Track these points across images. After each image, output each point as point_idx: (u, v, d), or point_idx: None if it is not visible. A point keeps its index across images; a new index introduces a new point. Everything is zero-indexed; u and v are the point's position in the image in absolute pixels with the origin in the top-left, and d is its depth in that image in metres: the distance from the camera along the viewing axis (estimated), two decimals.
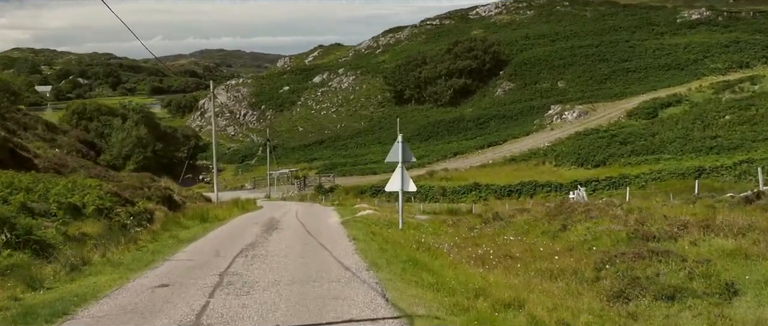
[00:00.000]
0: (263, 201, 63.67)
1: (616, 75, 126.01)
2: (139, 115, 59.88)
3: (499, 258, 13.77)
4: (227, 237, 16.34)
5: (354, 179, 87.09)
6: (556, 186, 64.83)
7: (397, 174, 17.70)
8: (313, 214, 26.30)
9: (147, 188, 32.41)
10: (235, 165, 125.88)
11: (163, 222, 19.89)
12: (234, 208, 31.59)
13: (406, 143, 18.06)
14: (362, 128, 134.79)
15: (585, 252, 14.00)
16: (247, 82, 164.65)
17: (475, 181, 69.34)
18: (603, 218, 17.59)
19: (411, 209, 58.66)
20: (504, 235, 17.93)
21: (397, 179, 17.64)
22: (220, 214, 24.24)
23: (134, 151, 55.87)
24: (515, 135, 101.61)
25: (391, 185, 17.84)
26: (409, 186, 17.80)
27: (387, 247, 13.44)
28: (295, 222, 20.51)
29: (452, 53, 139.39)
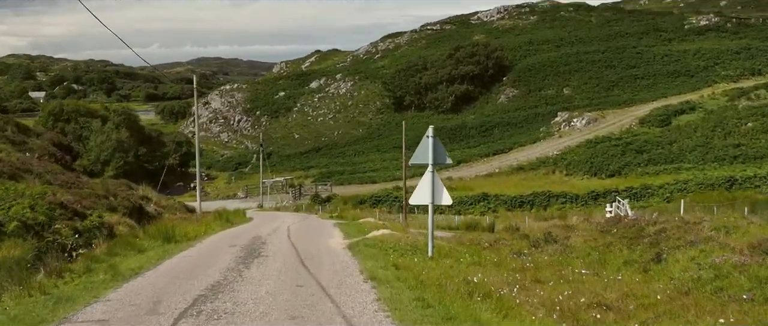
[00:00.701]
0: (254, 212, 58.79)
1: (624, 82, 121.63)
2: (121, 117, 54.88)
3: (593, 309, 9.01)
4: (186, 271, 11.49)
5: (352, 188, 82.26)
6: (571, 197, 60.11)
7: (427, 181, 12.98)
8: (309, 231, 21.49)
9: (113, 197, 27.54)
10: (228, 173, 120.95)
11: (111, 245, 15.04)
12: (214, 222, 26.71)
13: (437, 138, 13.30)
14: (360, 135, 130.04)
15: (723, 300, 9.16)
16: (242, 88, 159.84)
17: (484, 191, 64.53)
18: (706, 243, 12.75)
19: (415, 220, 54.06)
20: (571, 266, 13.17)
21: (426, 188, 12.93)
22: (192, 231, 19.36)
23: (114, 155, 50.94)
24: (522, 143, 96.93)
25: (419, 196, 13.12)
26: (442, 197, 13.08)
27: (426, 295, 8.74)
28: (286, 244, 15.73)
29: (454, 58, 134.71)
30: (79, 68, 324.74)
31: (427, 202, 13.09)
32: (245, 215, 43.50)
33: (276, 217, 42.10)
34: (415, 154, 13.41)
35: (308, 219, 35.35)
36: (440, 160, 13.21)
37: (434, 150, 13.05)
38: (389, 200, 68.09)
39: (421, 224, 51.60)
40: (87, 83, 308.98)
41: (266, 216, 44.39)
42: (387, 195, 68.92)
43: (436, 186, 12.96)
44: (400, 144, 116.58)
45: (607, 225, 19.46)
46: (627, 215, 26.07)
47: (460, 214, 62.52)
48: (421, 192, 13.08)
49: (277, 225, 26.94)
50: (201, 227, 21.99)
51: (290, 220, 33.28)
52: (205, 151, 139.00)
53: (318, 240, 16.83)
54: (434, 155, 13.03)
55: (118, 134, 52.01)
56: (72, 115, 56.10)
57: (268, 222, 30.91)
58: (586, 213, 54.44)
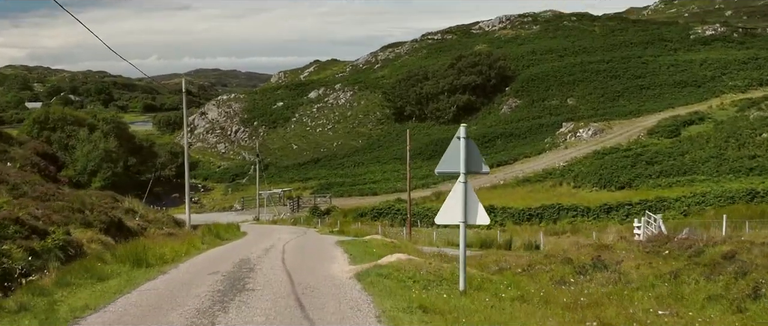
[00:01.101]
0: (250, 225, 55.89)
1: (630, 92, 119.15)
2: (110, 125, 52.08)
3: None
4: (139, 316, 8.61)
5: (353, 200, 79.46)
6: (582, 211, 57.21)
7: (458, 194, 10.21)
8: (307, 252, 18.68)
9: (89, 211, 24.71)
10: (224, 185, 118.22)
11: (65, 271, 12.23)
12: (202, 238, 23.92)
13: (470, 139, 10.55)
14: (360, 146, 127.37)
15: None
16: (240, 98, 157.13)
17: (490, 204, 61.53)
18: None
19: (419, 234, 51.29)
20: (638, 302, 10.39)
21: (457, 203, 10.16)
22: (171, 251, 16.46)
23: (101, 165, 48.07)
24: (527, 154, 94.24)
25: (448, 213, 10.27)
26: (477, 214, 10.29)
27: None
28: (279, 270, 12.91)
29: (455, 68, 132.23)
30: (76, 79, 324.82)
31: (457, 221, 10.32)
32: (239, 229, 40.72)
33: (272, 232, 39.27)
34: (442, 160, 10.64)
35: (306, 235, 32.51)
36: (474, 168, 10.42)
37: (467, 154, 10.28)
38: (391, 213, 65.28)
39: (428, 239, 48.79)
40: (84, 94, 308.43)
41: (261, 231, 41.58)
42: (389, 208, 66.10)
43: (470, 200, 10.20)
44: (401, 155, 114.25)
45: (654, 245, 16.65)
46: (661, 232, 23.26)
47: (470, 228, 59.79)
48: (451, 208, 10.30)
49: (271, 242, 24.16)
50: (184, 245, 19.16)
51: (287, 236, 30.49)
52: (201, 162, 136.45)
53: (318, 265, 14.08)
54: (467, 161, 10.27)
55: (106, 143, 49.20)
56: (58, 123, 53.20)
57: (263, 238, 28.13)
58: (599, 227, 51.69)
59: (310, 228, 49.47)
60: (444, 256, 16.50)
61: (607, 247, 17.93)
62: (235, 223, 43.76)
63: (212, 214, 78.95)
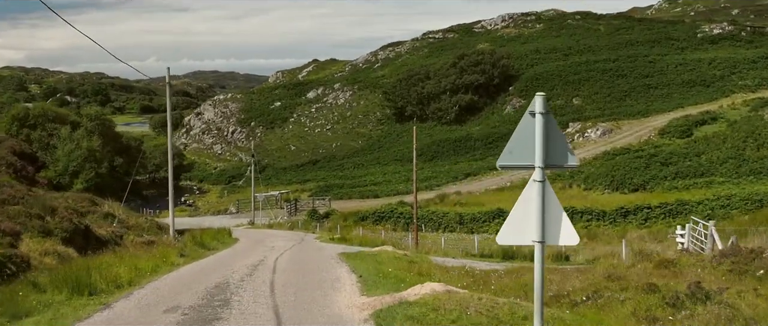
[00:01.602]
0: (244, 230, 52.49)
1: (637, 91, 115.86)
2: (94, 123, 48.67)
3: None
4: None
5: (353, 203, 76.06)
6: (597, 214, 53.81)
7: (532, 200, 6.77)
8: (304, 269, 15.17)
9: (50, 217, 21.33)
10: (220, 187, 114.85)
11: None
12: (184, 249, 20.47)
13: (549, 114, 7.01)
14: (360, 147, 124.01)
15: None
16: (237, 98, 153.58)
17: (499, 207, 58.21)
18: None
19: (424, 240, 47.95)
20: None
21: (531, 213, 6.71)
22: (126, 272, 12.90)
23: (84, 166, 44.64)
24: None
25: (516, 228, 6.70)
26: (562, 231, 6.80)
27: None
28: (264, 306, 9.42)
29: (458, 67, 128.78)
30: (73, 80, 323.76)
31: (532, 240, 6.85)
32: (231, 235, 37.39)
33: (266, 238, 36.01)
34: (507, 148, 7.10)
35: (304, 244, 29.13)
36: (557, 159, 6.90)
37: (547, 139, 6.82)
38: (394, 216, 61.82)
39: (435, 245, 45.38)
40: (81, 95, 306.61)
41: (255, 237, 38.27)
42: (391, 212, 62.61)
43: (550, 209, 6.78)
44: (402, 156, 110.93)
45: (733, 261, 13.25)
46: (714, 244, 19.82)
47: (474, 232, 56.41)
48: (521, 220, 6.86)
49: (263, 253, 20.81)
50: (151, 261, 15.71)
51: (282, 244, 27.18)
52: (197, 163, 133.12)
53: (318, 294, 10.63)
54: (548, 149, 6.84)
55: (89, 142, 45.70)
56: (39, 120, 49.64)
57: (254, 248, 24.78)
58: (618, 233, 48.31)
59: (309, 234, 46.12)
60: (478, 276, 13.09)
61: (669, 262, 14.50)
62: (227, 228, 40.40)
63: (206, 218, 75.56)
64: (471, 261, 22.65)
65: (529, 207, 6.69)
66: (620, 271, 14.17)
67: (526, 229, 6.68)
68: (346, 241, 28.78)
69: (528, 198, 6.75)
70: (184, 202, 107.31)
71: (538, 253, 6.71)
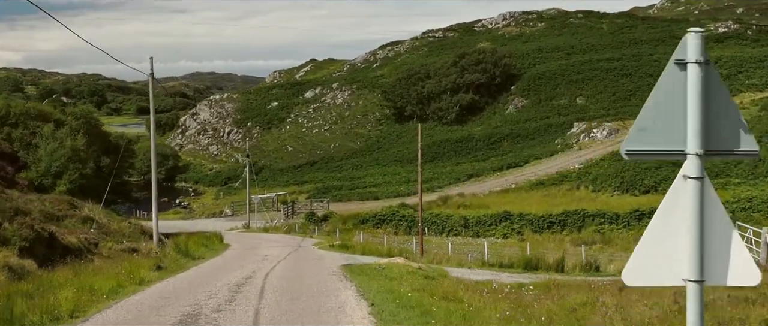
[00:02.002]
0: (237, 234, 49.77)
1: (642, 91, 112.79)
2: (80, 121, 45.95)
3: None
4: None
5: (352, 205, 73.41)
6: (610, 217, 51.13)
7: (683, 213, 3.96)
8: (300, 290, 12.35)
9: (8, 223, 18.60)
10: (216, 188, 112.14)
11: None
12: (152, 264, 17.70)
13: (711, 66, 4.13)
14: (358, 148, 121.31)
15: None
16: (233, 98, 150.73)
17: (506, 210, 55.57)
18: None
19: (428, 244, 45.18)
20: None
21: (681, 234, 3.93)
22: (66, 301, 9.99)
23: (68, 166, 41.93)
24: (538, 155, 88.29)
25: (658, 263, 3.90)
26: (744, 268, 4.11)
27: None
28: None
29: (458, 66, 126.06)
30: (70, 82, 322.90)
31: (683, 279, 3.97)
32: (222, 240, 34.68)
33: (260, 244, 33.32)
34: (638, 125, 4.12)
35: (301, 251, 26.45)
36: (726, 143, 4.02)
37: (707, 107, 3.94)
38: (395, 220, 59.10)
39: (440, 251, 42.65)
40: (77, 96, 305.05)
41: (248, 243, 35.55)
42: (392, 215, 59.89)
43: (713, 226, 3.95)
44: (402, 157, 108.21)
45: None
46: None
47: (479, 236, 53.74)
48: (661, 245, 4.05)
49: (253, 266, 18.14)
50: (112, 279, 12.92)
51: (276, 253, 24.48)
52: (193, 164, 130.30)
53: None
54: (708, 124, 3.92)
55: (73, 141, 42.93)
56: (21, 118, 46.94)
57: (244, 258, 22.09)
58: (635, 236, 45.67)
59: (306, 239, 43.44)
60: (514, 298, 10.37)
61: None
62: (219, 233, 37.63)
63: (200, 221, 72.94)
64: (492, 273, 20.04)
65: (675, 223, 3.92)
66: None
67: (672, 261, 3.89)
68: (347, 249, 26.10)
69: (673, 210, 3.96)
70: (178, 204, 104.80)
71: (694, 299, 3.89)
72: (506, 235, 52.42)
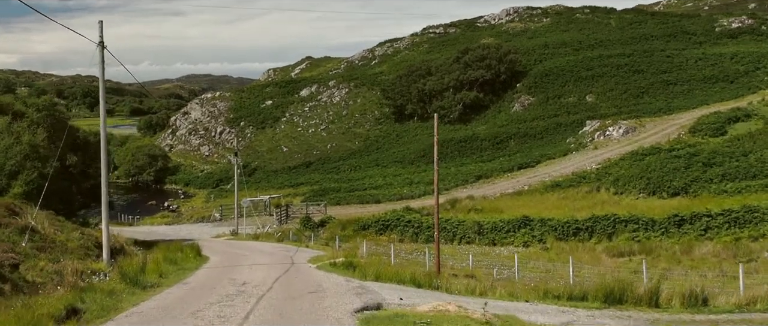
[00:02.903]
0: (223, 243, 43.70)
1: (655, 88, 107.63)
2: (42, 113, 40.01)
3: None
4: None
5: (352, 209, 67.46)
6: (645, 223, 45.11)
7: None
8: None
9: None
10: (207, 191, 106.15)
11: None
12: (66, 299, 11.81)
13: None
14: (357, 148, 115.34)
15: None
16: (225, 96, 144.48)
17: (525, 215, 49.61)
18: None
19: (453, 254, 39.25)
20: None
21: None
22: None
23: (25, 165, 35.99)
24: (550, 155, 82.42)
25: None
26: None
27: None
28: None
29: (461, 62, 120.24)
30: (65, 83, 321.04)
31: None
32: (199, 253, 28.70)
33: (244, 258, 27.43)
34: None
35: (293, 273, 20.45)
36: None
37: None
38: (400, 225, 53.13)
39: (458, 262, 36.75)
40: (70, 97, 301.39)
41: (230, 256, 29.64)
42: (397, 220, 53.88)
43: None
44: (403, 158, 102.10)
45: None
46: None
47: (496, 244, 47.86)
48: None
49: (220, 306, 12.25)
50: None
51: (259, 278, 18.59)
52: (183, 165, 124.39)
53: None
54: None
55: (31, 136, 36.93)
56: None
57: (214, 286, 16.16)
58: (681, 247, 39.73)
59: (301, 248, 37.44)
60: None
61: None
62: (196, 244, 31.55)
63: (184, 226, 66.96)
64: (566, 312, 14.33)
65: None
66: None
67: None
68: (354, 270, 19.81)
69: None
70: (167, 207, 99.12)
71: None
72: (527, 244, 46.54)
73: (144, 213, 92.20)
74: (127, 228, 66.67)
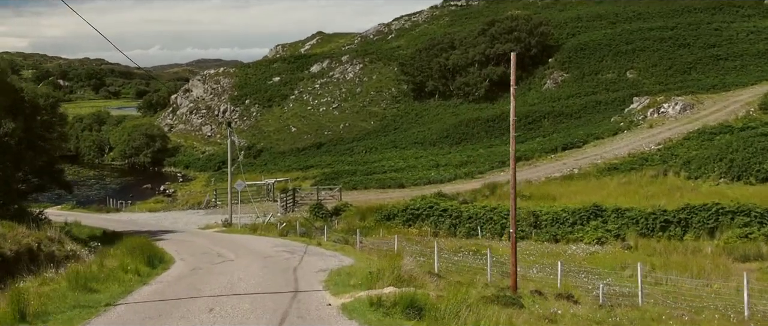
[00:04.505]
0: (209, 237, 33.36)
1: (704, 63, 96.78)
2: None
3: None
4: None
5: (371, 195, 57.17)
6: (758, 216, 34.57)
7: None
8: None
9: None
10: (208, 174, 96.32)
11: None
12: None
13: None
14: (372, 128, 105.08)
15: None
16: (229, 72, 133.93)
17: (595, 204, 39.02)
18: None
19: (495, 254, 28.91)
20: None
21: None
22: None
23: None
24: (597, 135, 71.91)
25: None
26: None
27: None
28: None
29: (487, 35, 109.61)
30: (72, 66, 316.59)
31: None
32: (161, 260, 18.62)
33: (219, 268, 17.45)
34: None
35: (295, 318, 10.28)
36: None
37: None
38: (434, 215, 42.69)
39: (528, 271, 26.63)
40: (74, 78, 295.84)
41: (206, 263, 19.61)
42: (429, 208, 43.39)
43: None
44: (424, 139, 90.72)
45: None
46: None
47: (559, 241, 37.45)
48: None
49: None
50: None
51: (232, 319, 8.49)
52: (183, 146, 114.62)
53: None
54: None
55: None
56: None
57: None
58: None
59: (311, 246, 27.04)
60: None
61: None
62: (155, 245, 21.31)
63: (172, 214, 56.86)
64: None
65: None
66: None
67: None
68: (420, 316, 9.64)
69: None
70: (162, 192, 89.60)
71: None
72: (601, 240, 36.07)
73: (137, 198, 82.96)
74: (105, 216, 56.96)
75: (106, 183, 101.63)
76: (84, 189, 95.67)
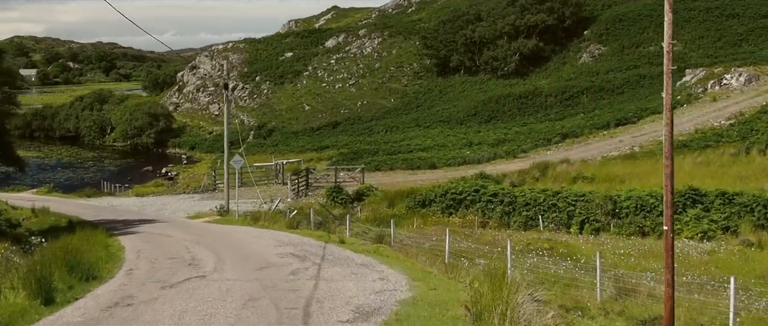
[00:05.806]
0: (198, 228, 25.36)
1: (756, 34, 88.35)
2: None
3: None
4: None
5: (398, 177, 49.06)
6: None
7: None
8: None
9: None
10: (215, 155, 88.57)
11: None
12: None
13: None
14: (392, 106, 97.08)
15: None
16: (239, 47, 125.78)
17: (691, 187, 30.56)
18: None
19: (590, 253, 20.56)
20: None
21: None
22: None
23: None
24: (653, 109, 63.55)
25: None
26: None
27: None
28: None
29: (517, 6, 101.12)
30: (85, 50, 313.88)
31: None
32: (104, 261, 10.34)
33: (166, 306, 9.23)
34: None
35: None
36: None
37: None
38: (481, 201, 34.25)
39: (642, 280, 18.36)
40: (84, 61, 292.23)
41: (154, 281, 11.38)
42: (475, 192, 34.92)
43: None
44: (450, 117, 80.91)
45: None
46: None
47: (645, 234, 29.15)
48: None
49: None
50: None
51: None
52: (189, 126, 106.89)
53: None
54: None
55: None
56: None
57: None
58: None
59: (330, 245, 18.87)
60: None
61: None
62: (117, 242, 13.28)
63: (162, 199, 48.88)
64: None
65: None
66: None
67: None
68: None
69: None
70: (165, 174, 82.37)
71: None
72: (707, 235, 27.72)
73: (136, 181, 75.64)
74: (83, 201, 49.29)
75: (104, 166, 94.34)
76: (80, 171, 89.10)
